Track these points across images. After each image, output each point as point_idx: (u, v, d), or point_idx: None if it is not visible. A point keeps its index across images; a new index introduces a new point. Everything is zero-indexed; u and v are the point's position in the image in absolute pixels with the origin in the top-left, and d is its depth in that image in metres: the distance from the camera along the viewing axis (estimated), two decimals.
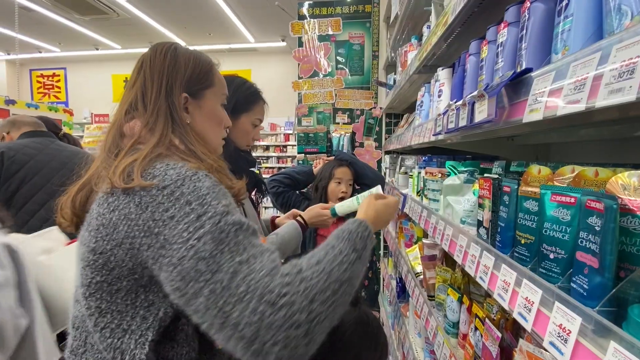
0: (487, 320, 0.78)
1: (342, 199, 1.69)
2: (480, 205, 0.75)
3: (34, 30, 6.62)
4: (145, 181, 0.53)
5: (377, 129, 2.65)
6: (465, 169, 0.99)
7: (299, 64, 2.71)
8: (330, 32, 2.63)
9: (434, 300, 1.18)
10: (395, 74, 2.34)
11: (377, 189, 0.88)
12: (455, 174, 1.01)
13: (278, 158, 7.52)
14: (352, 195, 1.73)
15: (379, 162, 2.66)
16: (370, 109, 2.65)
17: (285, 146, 7.49)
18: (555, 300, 0.47)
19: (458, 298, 0.98)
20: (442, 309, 1.09)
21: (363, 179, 1.73)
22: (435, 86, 1.16)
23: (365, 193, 0.86)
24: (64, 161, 1.53)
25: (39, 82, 8.76)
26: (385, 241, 2.63)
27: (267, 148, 7.60)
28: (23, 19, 5.32)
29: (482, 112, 0.61)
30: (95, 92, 8.52)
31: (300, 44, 2.69)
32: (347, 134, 2.65)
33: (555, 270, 0.50)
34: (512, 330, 0.83)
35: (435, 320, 1.10)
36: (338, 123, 2.72)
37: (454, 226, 0.90)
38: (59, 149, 1.57)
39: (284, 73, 7.83)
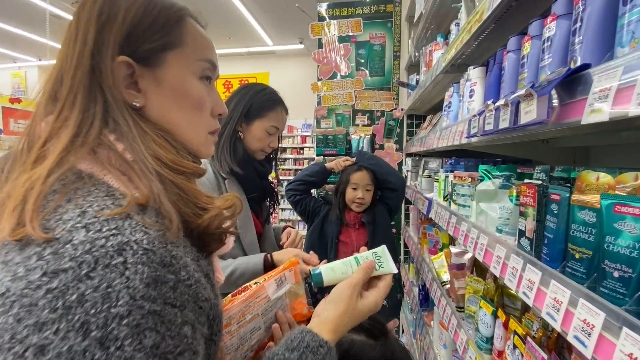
0: (529, 339, 0.72)
1: (359, 205, 1.66)
2: (522, 214, 0.70)
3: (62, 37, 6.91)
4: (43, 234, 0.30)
5: (397, 130, 2.59)
6: (501, 174, 0.93)
7: (318, 66, 2.69)
8: (351, 33, 2.60)
9: (463, 311, 1.12)
10: (417, 74, 2.28)
11: (383, 251, 0.65)
12: (490, 178, 0.95)
13: (295, 160, 7.53)
14: (369, 211, 1.67)
15: (400, 164, 2.59)
16: (391, 110, 2.59)
17: (302, 148, 7.50)
18: (623, 325, 0.41)
19: (492, 312, 0.91)
20: (473, 321, 1.03)
21: (385, 183, 1.68)
22: (465, 86, 1.10)
23: (367, 254, 0.64)
24: None
25: None
26: (406, 246, 2.56)
27: (284, 150, 7.63)
28: (53, 27, 5.57)
29: (530, 112, 0.55)
30: None
31: (320, 46, 2.67)
32: (366, 136, 2.61)
33: (621, 290, 0.45)
34: (555, 348, 0.76)
35: (465, 334, 1.03)
36: (358, 125, 2.67)
37: (490, 235, 0.84)
38: None
39: (301, 75, 7.86)
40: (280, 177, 7.27)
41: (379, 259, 0.64)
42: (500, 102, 0.66)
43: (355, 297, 0.54)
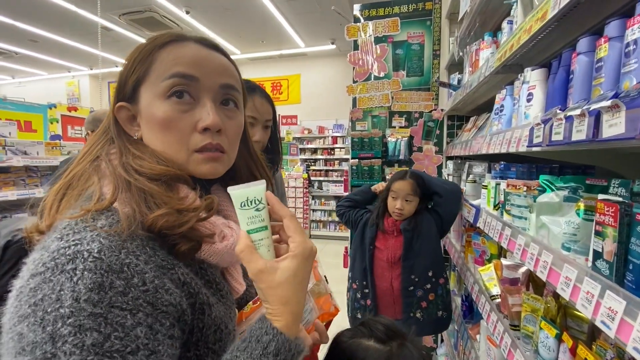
0: None
1: (399, 214, 1.64)
2: (599, 234, 0.63)
3: (111, 48, 7.44)
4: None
5: (437, 132, 2.50)
6: (566, 185, 0.86)
7: (354, 68, 2.66)
8: (388, 33, 2.54)
9: (518, 330, 1.05)
10: (459, 73, 2.18)
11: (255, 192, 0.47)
12: (552, 190, 0.88)
13: (325, 161, 7.54)
14: (411, 219, 1.63)
15: (440, 167, 2.50)
16: (430, 111, 2.50)
17: (332, 149, 7.49)
18: None
19: (556, 335, 0.85)
20: (532, 343, 0.96)
21: (432, 187, 1.65)
22: (522, 89, 1.03)
23: None
24: None
25: None
26: (446, 252, 2.46)
27: (314, 151, 7.66)
28: (103, 38, 5.99)
29: (616, 126, 0.50)
30: None
31: (356, 47, 2.64)
32: (404, 138, 2.54)
33: None
34: None
35: (521, 355, 0.97)
36: (394, 127, 2.61)
37: (555, 252, 0.77)
38: None
39: (332, 76, 7.85)
40: (312, 178, 7.31)
41: (257, 207, 0.46)
42: (575, 111, 0.60)
43: (253, 267, 0.43)
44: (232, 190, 0.46)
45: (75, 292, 0.33)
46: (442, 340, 2.46)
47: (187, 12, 5.66)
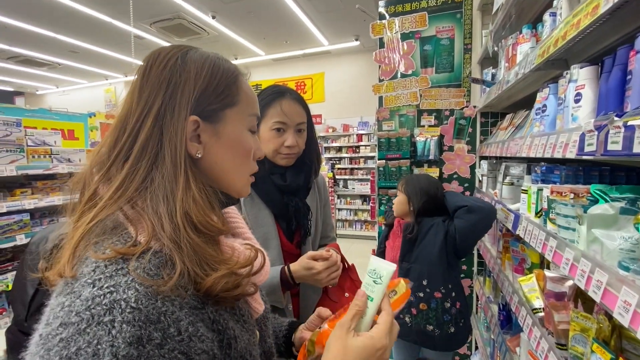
0: None
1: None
2: None
3: (143, 55, 7.71)
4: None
5: (469, 130, 2.38)
6: (622, 196, 0.78)
7: (379, 66, 2.59)
8: (415, 29, 2.45)
9: (565, 349, 0.97)
10: (493, 68, 2.06)
11: (377, 266, 0.55)
12: (606, 201, 0.80)
13: (350, 159, 7.47)
14: (417, 219, 1.64)
15: (472, 167, 2.39)
16: (462, 109, 2.39)
17: (357, 147, 7.40)
18: None
19: (610, 359, 0.77)
20: None
21: (456, 202, 1.60)
22: (568, 88, 0.94)
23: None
24: None
25: None
26: (480, 257, 2.35)
27: (339, 149, 7.62)
28: (136, 47, 6.28)
29: None
30: None
31: (381, 45, 2.57)
32: (433, 138, 2.44)
33: None
34: None
35: None
36: (423, 126, 2.52)
37: (610, 271, 0.70)
38: None
39: (356, 73, 7.75)
40: (337, 177, 7.28)
41: (375, 280, 0.54)
42: (637, 121, 0.54)
43: (344, 336, 0.48)
44: (376, 259, 0.55)
45: (114, 347, 0.32)
46: (476, 348, 2.36)
47: (214, 17, 5.79)
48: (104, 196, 0.42)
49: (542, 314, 1.15)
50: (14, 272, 2.26)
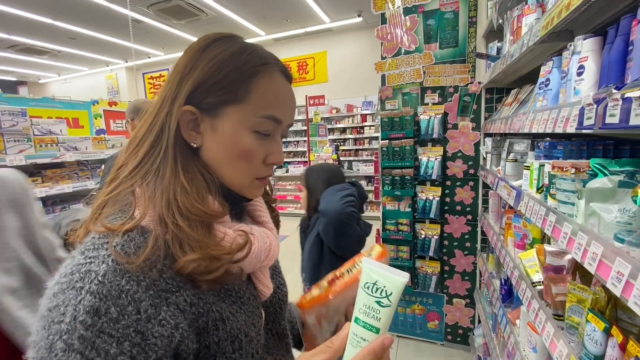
0: None
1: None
2: None
3: (143, 39, 7.68)
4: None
5: (474, 107, 2.34)
6: (621, 169, 0.78)
7: (382, 43, 2.53)
8: (418, 3, 2.37)
9: (562, 320, 1.00)
10: (498, 41, 2.00)
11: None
12: (605, 174, 0.80)
13: (355, 140, 7.41)
14: (313, 215, 1.53)
15: (477, 145, 2.36)
16: (466, 85, 2.35)
17: (362, 127, 7.33)
18: None
19: (604, 329, 0.80)
20: (577, 335, 0.91)
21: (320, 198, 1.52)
22: (571, 61, 0.92)
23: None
24: None
25: (149, 83, 10.23)
26: (484, 234, 2.37)
27: (343, 130, 7.55)
28: (135, 31, 6.19)
29: None
30: None
31: (384, 21, 2.50)
32: (437, 116, 2.41)
33: None
34: None
35: (566, 346, 0.93)
36: (427, 104, 2.48)
37: (605, 244, 0.72)
38: None
39: (359, 51, 7.56)
40: (341, 158, 7.26)
41: (380, 301, 0.38)
42: (634, 92, 0.53)
43: None
44: (368, 263, 0.39)
45: (75, 312, 0.35)
46: (479, 322, 2.42)
47: None
48: (123, 173, 0.46)
49: (541, 287, 1.17)
50: None
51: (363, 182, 7.10)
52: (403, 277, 0.39)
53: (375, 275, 0.39)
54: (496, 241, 1.81)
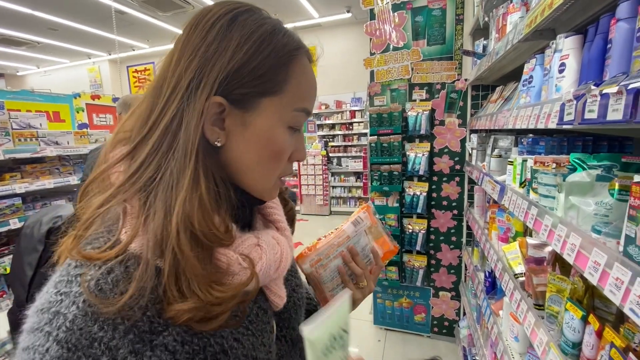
0: (631, 354, 0.64)
1: None
2: (633, 218, 0.60)
3: (127, 31, 7.47)
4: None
5: (460, 103, 2.38)
6: (599, 164, 0.81)
7: (370, 39, 2.54)
8: None
9: (542, 309, 1.04)
10: (484, 39, 2.03)
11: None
12: (584, 168, 0.83)
13: (344, 136, 7.43)
14: None
15: (463, 141, 2.41)
16: (453, 82, 2.38)
17: (351, 124, 7.35)
18: None
19: (582, 316, 0.83)
20: (556, 323, 0.95)
21: None
22: (553, 58, 0.95)
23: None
24: None
25: (134, 76, 9.97)
26: (469, 228, 2.43)
27: (332, 126, 7.56)
28: (118, 22, 6.02)
29: None
30: None
31: (372, 17, 2.50)
32: (425, 112, 2.44)
33: None
34: None
35: (545, 334, 0.96)
36: (415, 100, 2.51)
37: (583, 235, 0.74)
38: None
39: (349, 47, 7.55)
40: (330, 154, 7.27)
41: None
42: (612, 89, 0.55)
43: None
44: (310, 333, 0.36)
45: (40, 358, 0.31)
46: (464, 314, 2.48)
47: None
48: (117, 182, 0.37)
49: (523, 278, 1.21)
50: (10, 256, 2.28)
51: (352, 179, 7.14)
52: (345, 299, 0.40)
53: (324, 333, 0.39)
54: (481, 235, 1.85)
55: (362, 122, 7.15)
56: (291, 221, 0.56)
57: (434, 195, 2.53)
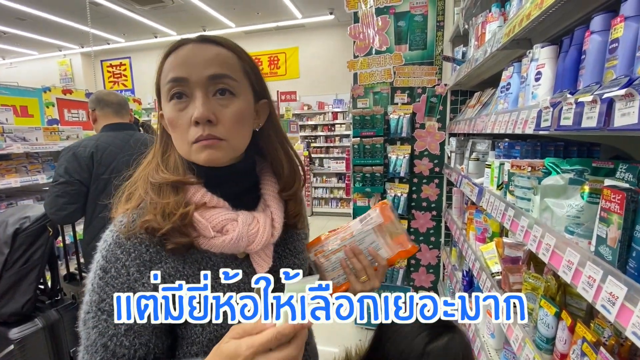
0: (602, 349, 0.68)
1: None
2: (604, 220, 0.63)
3: (101, 24, 7.16)
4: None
5: (440, 108, 2.45)
6: (572, 168, 0.85)
7: (354, 42, 2.56)
8: (389, 4, 2.43)
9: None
10: (464, 46, 2.10)
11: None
12: (557, 173, 0.87)
13: (326, 137, 7.46)
14: None
15: (442, 144, 2.47)
16: (433, 87, 2.44)
17: (333, 125, 7.38)
18: None
19: (555, 313, 0.87)
20: (531, 319, 0.99)
21: None
22: (530, 67, 0.99)
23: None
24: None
25: (109, 71, 9.58)
26: (447, 229, 2.50)
27: (315, 127, 7.57)
28: (93, 14, 5.75)
29: (629, 116, 0.49)
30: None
31: (356, 20, 2.53)
32: (406, 115, 2.50)
33: None
34: (628, 357, 0.72)
35: (521, 331, 1.01)
36: (397, 103, 2.56)
37: (558, 235, 0.78)
38: (137, 145, 1.68)
39: (331, 48, 7.60)
40: (312, 155, 7.28)
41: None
42: (587, 97, 0.59)
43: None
44: (290, 284, 0.42)
45: (96, 265, 0.52)
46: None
47: None
48: (146, 160, 0.60)
49: (499, 277, 1.26)
50: None
51: (334, 179, 7.18)
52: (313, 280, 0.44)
53: (296, 288, 0.42)
54: (459, 235, 1.91)
55: (344, 123, 7.19)
56: (293, 224, 0.66)
57: (414, 196, 2.59)
